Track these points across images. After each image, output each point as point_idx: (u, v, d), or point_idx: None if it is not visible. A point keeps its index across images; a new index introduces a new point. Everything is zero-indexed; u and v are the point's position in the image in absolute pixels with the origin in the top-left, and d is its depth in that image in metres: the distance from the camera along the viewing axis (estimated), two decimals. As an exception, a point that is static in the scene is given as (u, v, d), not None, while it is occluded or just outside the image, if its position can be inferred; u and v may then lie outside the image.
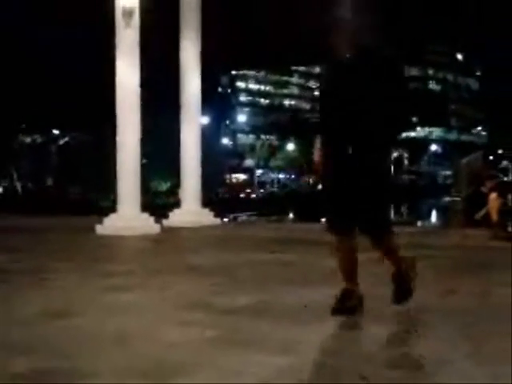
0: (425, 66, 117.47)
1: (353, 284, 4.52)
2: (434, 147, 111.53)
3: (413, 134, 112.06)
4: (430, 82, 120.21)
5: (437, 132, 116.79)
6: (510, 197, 9.49)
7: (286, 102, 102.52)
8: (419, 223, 31.71)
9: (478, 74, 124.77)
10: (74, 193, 50.56)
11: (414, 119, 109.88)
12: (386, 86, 4.35)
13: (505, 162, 76.03)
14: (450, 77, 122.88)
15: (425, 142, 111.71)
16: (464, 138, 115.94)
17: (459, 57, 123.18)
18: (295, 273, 6.59)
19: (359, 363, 3.50)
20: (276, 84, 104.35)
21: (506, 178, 10.86)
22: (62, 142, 62.06)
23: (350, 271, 4.54)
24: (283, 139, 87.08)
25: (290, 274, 6.54)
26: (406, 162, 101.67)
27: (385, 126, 4.36)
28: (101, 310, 4.94)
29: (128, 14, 10.94)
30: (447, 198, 34.05)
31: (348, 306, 4.45)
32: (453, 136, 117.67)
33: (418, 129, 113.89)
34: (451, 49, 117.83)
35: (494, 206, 9.51)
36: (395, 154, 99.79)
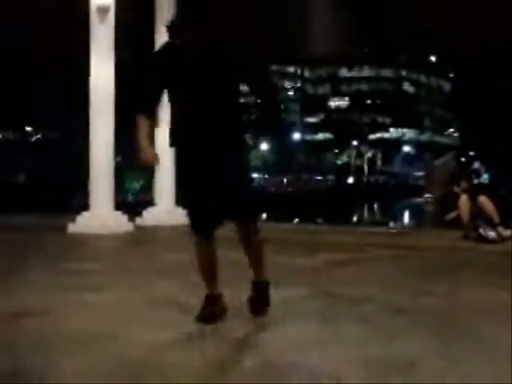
0: (398, 67, 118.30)
1: (214, 289, 4.40)
2: (406, 148, 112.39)
3: (386, 135, 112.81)
4: (404, 83, 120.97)
5: (409, 133, 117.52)
6: (480, 199, 9.55)
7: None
8: (391, 223, 31.93)
9: (451, 75, 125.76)
10: (47, 190, 49.94)
11: (387, 120, 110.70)
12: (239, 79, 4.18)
13: (476, 164, 76.66)
14: (423, 78, 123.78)
15: (398, 143, 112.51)
16: (437, 139, 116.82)
17: (432, 58, 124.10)
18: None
19: (337, 364, 3.51)
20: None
21: (476, 180, 10.92)
22: (34, 138, 61.36)
23: (211, 275, 4.41)
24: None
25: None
26: (379, 162, 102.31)
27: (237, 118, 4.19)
28: (69, 308, 4.90)
29: (103, 10, 10.85)
30: (419, 199, 34.21)
31: (207, 313, 4.30)
32: (425, 137, 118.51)
33: (391, 130, 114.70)
34: (424, 50, 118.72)
35: (464, 207, 9.59)
36: (369, 155, 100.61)
